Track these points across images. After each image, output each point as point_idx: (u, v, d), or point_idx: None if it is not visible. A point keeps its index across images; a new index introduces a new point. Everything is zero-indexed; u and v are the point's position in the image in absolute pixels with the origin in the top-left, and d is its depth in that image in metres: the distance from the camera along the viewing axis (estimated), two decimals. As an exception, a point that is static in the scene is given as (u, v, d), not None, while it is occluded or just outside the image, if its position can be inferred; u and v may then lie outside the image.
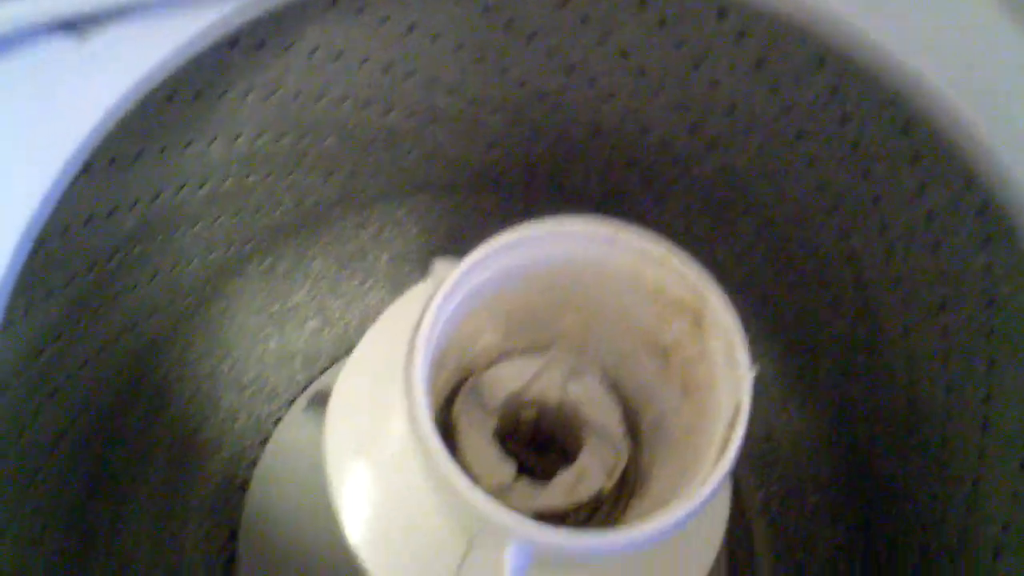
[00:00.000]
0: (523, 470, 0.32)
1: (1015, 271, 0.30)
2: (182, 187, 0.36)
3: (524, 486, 0.31)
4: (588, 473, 0.31)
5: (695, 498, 0.24)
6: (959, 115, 0.29)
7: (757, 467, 0.44)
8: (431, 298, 0.26)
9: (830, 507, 0.43)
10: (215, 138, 0.36)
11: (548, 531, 0.23)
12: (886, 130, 0.34)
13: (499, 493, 0.30)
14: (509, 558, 0.25)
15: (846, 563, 0.42)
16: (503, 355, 0.33)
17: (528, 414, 0.33)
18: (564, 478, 0.31)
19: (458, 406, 0.32)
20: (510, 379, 0.32)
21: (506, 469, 0.31)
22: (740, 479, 0.45)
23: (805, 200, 0.38)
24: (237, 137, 0.37)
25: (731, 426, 0.25)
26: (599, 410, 0.32)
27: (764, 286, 0.43)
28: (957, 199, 0.32)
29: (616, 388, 0.33)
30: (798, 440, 0.44)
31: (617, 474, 0.31)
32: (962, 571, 0.35)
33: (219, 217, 0.41)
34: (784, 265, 0.41)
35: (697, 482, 0.24)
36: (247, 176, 0.40)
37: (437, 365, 0.28)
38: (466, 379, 0.32)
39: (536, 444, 0.34)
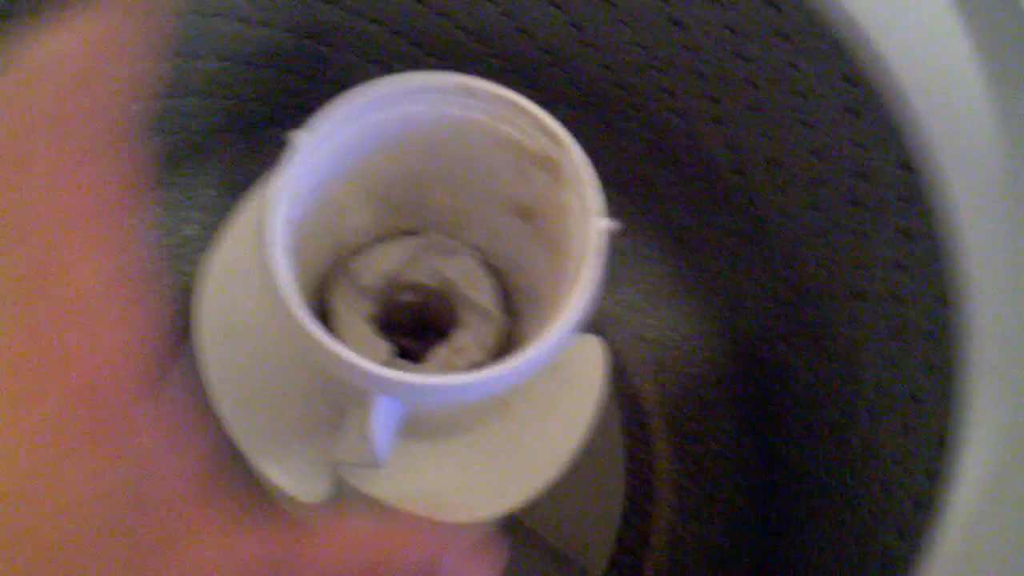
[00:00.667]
0: (403, 356, 0.32)
1: (881, 141, 0.31)
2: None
3: (401, 365, 0.31)
4: (463, 348, 0.31)
5: (537, 344, 0.24)
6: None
7: (653, 368, 0.45)
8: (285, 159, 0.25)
9: (726, 401, 0.43)
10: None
11: (399, 374, 0.23)
12: (758, 8, 0.34)
13: None
14: (374, 416, 0.25)
15: (740, 451, 0.43)
16: (376, 241, 0.33)
17: (408, 298, 0.33)
18: (438, 353, 0.31)
19: (331, 288, 0.32)
20: (384, 261, 0.32)
21: (381, 348, 0.31)
22: (637, 382, 0.45)
23: (685, 91, 0.39)
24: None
25: (576, 278, 0.25)
26: (474, 288, 0.32)
27: (653, 186, 0.43)
28: (826, 73, 0.33)
29: (490, 263, 0.33)
30: (693, 337, 0.44)
31: (490, 345, 0.31)
32: (843, 441, 0.35)
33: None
34: (670, 162, 0.41)
35: (541, 334, 0.25)
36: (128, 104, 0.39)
37: (304, 235, 0.27)
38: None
39: (419, 330, 0.34)
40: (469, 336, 0.32)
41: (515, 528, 0.42)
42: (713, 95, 0.38)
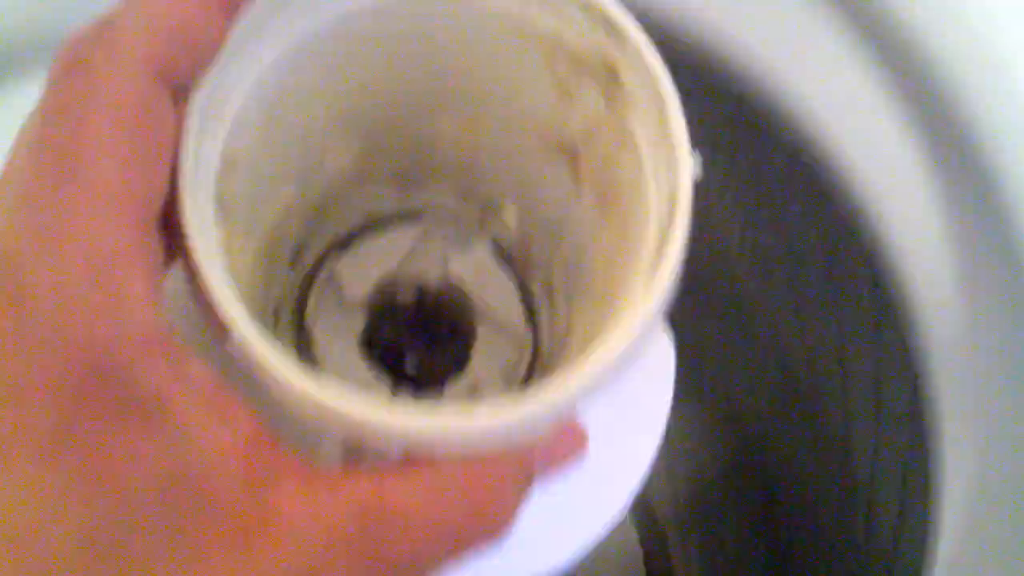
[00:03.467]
0: (402, 377, 0.26)
1: (845, 229, 0.33)
2: None
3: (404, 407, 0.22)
4: (482, 382, 0.25)
5: (605, 354, 0.16)
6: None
7: (665, 473, 0.46)
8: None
9: (735, 498, 0.45)
10: None
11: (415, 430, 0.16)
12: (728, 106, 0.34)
13: None
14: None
15: (752, 547, 0.44)
16: (360, 188, 0.25)
17: (405, 299, 0.26)
18: (453, 394, 0.25)
19: (312, 307, 0.25)
20: (376, 260, 0.25)
21: (378, 388, 0.24)
22: (650, 486, 0.47)
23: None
24: None
25: (663, 237, 0.18)
26: (491, 291, 0.25)
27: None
28: (789, 175, 0.35)
29: (514, 250, 0.26)
30: (700, 441, 0.46)
31: (519, 374, 0.25)
32: (845, 526, 0.37)
33: None
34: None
35: (611, 330, 0.17)
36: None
37: (257, 188, 0.20)
38: (321, 265, 0.25)
39: (417, 332, 0.27)
40: (488, 363, 0.25)
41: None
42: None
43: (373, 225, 0.26)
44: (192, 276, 0.16)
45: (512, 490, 0.17)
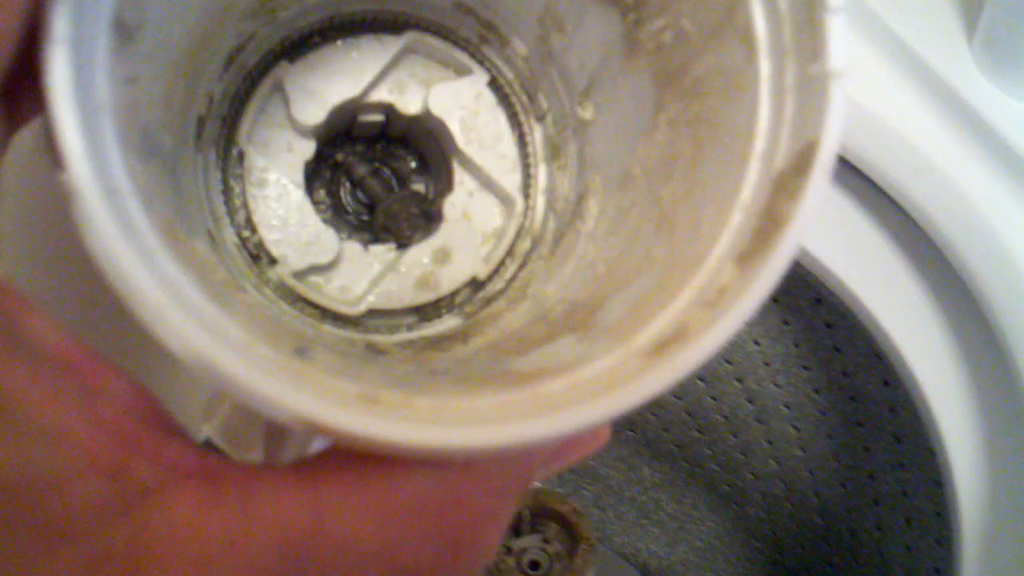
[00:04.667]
0: (354, 223, 0.21)
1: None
2: None
3: (352, 269, 0.19)
4: (455, 247, 0.19)
5: (683, 356, 0.12)
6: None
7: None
8: None
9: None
10: None
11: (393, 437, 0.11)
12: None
13: (307, 283, 0.19)
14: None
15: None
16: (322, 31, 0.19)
17: (369, 118, 0.20)
18: (416, 256, 0.19)
19: (247, 122, 0.19)
20: (338, 75, 0.19)
21: (324, 242, 0.19)
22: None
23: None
24: None
25: (800, 155, 0.12)
26: (481, 136, 0.20)
27: (698, 457, 0.47)
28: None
29: (518, 88, 0.20)
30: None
31: (502, 245, 0.20)
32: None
33: None
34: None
35: (696, 288, 0.13)
36: None
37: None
38: (265, 72, 0.19)
39: (381, 171, 0.22)
40: (465, 224, 0.20)
41: None
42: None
43: (338, 29, 0.20)
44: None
45: (501, 512, 0.12)
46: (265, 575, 0.11)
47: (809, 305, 0.39)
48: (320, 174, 0.21)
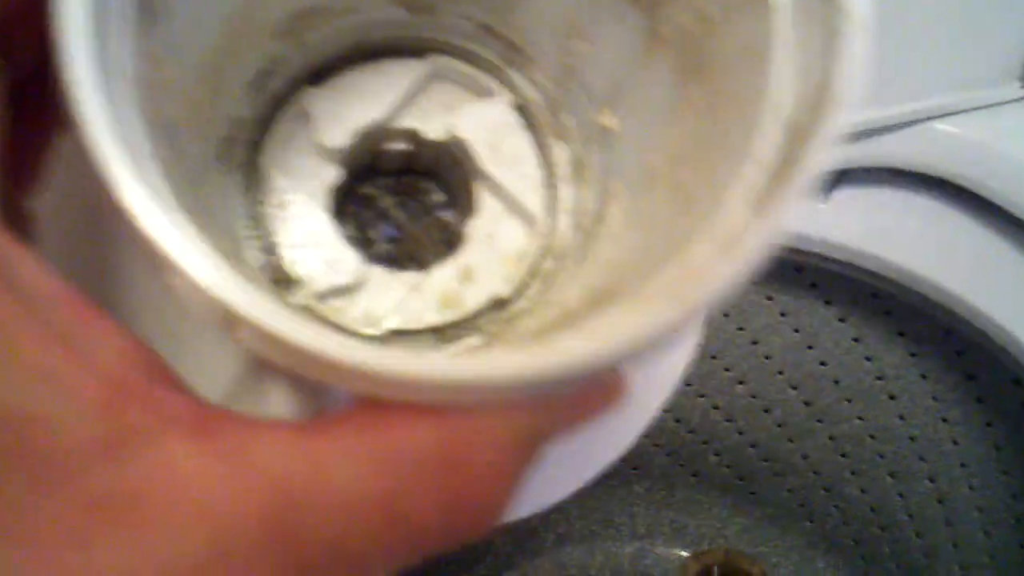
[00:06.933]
0: (380, 252, 0.21)
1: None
2: None
3: (375, 294, 0.19)
4: (478, 268, 0.20)
5: (692, 291, 0.12)
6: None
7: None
8: None
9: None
10: None
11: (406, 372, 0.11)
12: (955, 379, 0.41)
13: (332, 302, 0.19)
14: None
15: None
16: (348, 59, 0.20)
17: (392, 154, 0.21)
18: (438, 277, 0.20)
19: (272, 144, 0.20)
20: (363, 101, 0.20)
21: (347, 261, 0.19)
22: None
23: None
24: None
25: (796, 140, 0.12)
26: (504, 157, 0.20)
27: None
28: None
29: (536, 114, 0.21)
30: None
31: (525, 265, 0.20)
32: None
33: None
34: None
35: (688, 252, 0.13)
36: None
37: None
38: (290, 96, 0.20)
39: (404, 196, 0.22)
40: (488, 244, 0.20)
41: None
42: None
43: (364, 56, 0.20)
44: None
45: (509, 470, 0.12)
46: (263, 520, 0.10)
47: (1016, 410, 0.38)
48: (346, 208, 0.21)
